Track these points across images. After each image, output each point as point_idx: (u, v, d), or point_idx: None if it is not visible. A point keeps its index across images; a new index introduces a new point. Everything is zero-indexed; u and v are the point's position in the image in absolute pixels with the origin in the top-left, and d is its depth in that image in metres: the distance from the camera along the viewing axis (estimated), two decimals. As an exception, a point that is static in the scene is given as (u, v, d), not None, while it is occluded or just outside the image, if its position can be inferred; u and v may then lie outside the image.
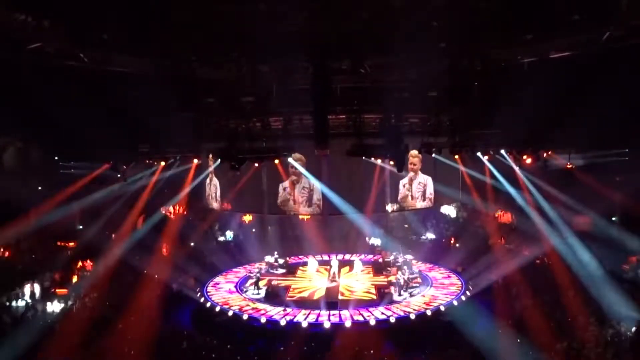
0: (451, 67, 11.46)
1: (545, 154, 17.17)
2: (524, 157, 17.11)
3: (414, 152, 18.07)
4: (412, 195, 19.53)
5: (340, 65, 12.17)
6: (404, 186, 19.28)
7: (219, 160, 17.38)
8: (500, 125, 14.13)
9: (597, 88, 11.38)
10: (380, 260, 23.14)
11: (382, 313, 17.09)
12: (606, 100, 11.65)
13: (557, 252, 19.48)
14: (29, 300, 17.66)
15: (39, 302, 17.56)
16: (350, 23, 9.60)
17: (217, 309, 18.20)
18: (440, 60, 11.56)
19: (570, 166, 19.47)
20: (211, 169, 20.02)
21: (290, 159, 18.05)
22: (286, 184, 19.15)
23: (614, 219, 22.39)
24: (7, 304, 17.06)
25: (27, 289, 18.01)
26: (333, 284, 20.28)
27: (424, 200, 19.97)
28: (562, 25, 9.92)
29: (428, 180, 19.74)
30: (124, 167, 17.50)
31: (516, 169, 20.32)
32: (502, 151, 17.92)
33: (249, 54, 11.12)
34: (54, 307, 17.19)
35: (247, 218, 27.50)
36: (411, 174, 19.19)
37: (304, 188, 18.95)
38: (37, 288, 18.31)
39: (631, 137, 17.13)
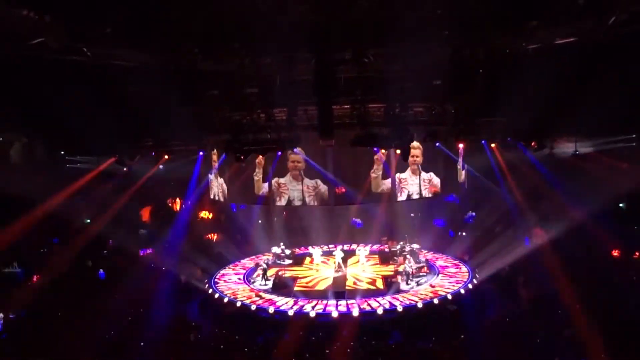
0: (455, 56, 11.36)
1: (551, 142, 17.03)
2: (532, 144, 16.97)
3: (415, 143, 17.83)
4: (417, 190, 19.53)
5: (343, 55, 12.09)
6: (399, 181, 19.18)
7: (224, 154, 17.38)
8: (505, 113, 14.04)
9: (603, 74, 11.25)
10: (387, 249, 23.16)
11: (390, 302, 17.12)
12: (612, 87, 11.53)
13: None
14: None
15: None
16: (352, 12, 9.53)
17: (225, 300, 18.30)
18: (444, 49, 11.46)
19: (577, 153, 19.36)
20: (217, 164, 20.05)
21: (295, 155, 18.11)
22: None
23: (621, 205, 22.33)
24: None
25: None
26: (339, 273, 20.31)
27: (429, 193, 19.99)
28: (566, 10, 9.81)
29: (432, 175, 19.75)
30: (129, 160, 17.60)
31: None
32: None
33: (251, 46, 11.07)
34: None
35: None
36: (412, 167, 19.13)
37: (308, 187, 18.90)
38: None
39: (638, 123, 17.01)
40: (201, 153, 19.79)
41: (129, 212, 23.48)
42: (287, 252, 23.00)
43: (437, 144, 16.91)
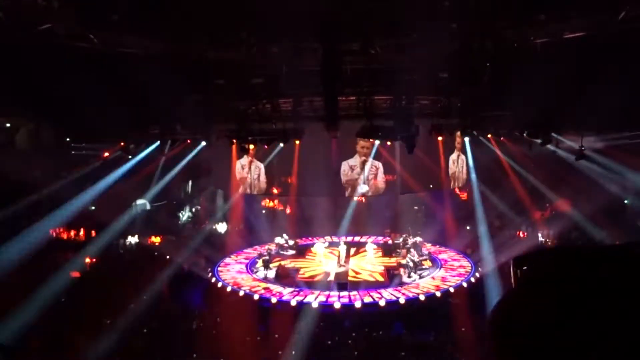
0: (462, 48, 11.32)
1: (557, 137, 16.96)
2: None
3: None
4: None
5: (351, 46, 12.06)
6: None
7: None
8: (512, 107, 13.98)
9: (610, 69, 11.17)
10: (390, 242, 23.18)
11: (392, 294, 17.16)
12: (620, 82, 11.45)
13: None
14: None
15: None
16: (361, 3, 9.51)
17: (228, 289, 18.36)
18: (452, 41, 11.42)
19: (583, 149, 19.23)
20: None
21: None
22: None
23: (626, 201, 22.26)
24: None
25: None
26: (342, 269, 20.23)
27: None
28: (576, 4, 9.75)
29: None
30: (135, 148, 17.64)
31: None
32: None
33: (259, 35, 11.06)
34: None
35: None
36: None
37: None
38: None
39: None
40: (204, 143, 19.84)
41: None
42: (291, 242, 23.01)
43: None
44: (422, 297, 16.90)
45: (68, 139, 21.77)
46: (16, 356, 12.63)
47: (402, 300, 16.67)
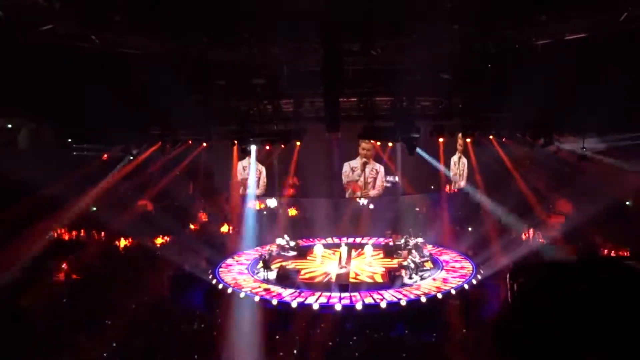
0: (464, 49, 11.31)
1: (558, 138, 16.92)
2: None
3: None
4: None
5: (351, 46, 12.05)
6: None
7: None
8: (513, 108, 13.95)
9: (611, 70, 11.14)
10: (391, 243, 23.11)
11: (393, 295, 17.09)
12: (621, 83, 11.43)
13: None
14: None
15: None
16: (361, 3, 9.50)
17: (229, 290, 18.32)
18: (453, 42, 11.41)
19: (584, 150, 19.20)
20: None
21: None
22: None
23: (627, 203, 22.21)
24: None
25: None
26: (343, 270, 20.16)
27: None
28: (576, 4, 9.74)
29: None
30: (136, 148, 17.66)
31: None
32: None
33: (259, 35, 11.06)
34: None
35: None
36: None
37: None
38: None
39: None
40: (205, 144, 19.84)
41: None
42: (292, 243, 22.95)
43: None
44: (423, 299, 16.84)
45: (69, 140, 21.79)
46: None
47: (403, 302, 16.61)
